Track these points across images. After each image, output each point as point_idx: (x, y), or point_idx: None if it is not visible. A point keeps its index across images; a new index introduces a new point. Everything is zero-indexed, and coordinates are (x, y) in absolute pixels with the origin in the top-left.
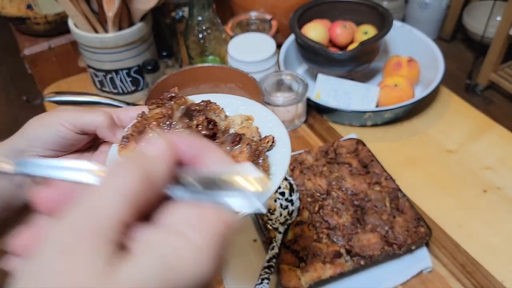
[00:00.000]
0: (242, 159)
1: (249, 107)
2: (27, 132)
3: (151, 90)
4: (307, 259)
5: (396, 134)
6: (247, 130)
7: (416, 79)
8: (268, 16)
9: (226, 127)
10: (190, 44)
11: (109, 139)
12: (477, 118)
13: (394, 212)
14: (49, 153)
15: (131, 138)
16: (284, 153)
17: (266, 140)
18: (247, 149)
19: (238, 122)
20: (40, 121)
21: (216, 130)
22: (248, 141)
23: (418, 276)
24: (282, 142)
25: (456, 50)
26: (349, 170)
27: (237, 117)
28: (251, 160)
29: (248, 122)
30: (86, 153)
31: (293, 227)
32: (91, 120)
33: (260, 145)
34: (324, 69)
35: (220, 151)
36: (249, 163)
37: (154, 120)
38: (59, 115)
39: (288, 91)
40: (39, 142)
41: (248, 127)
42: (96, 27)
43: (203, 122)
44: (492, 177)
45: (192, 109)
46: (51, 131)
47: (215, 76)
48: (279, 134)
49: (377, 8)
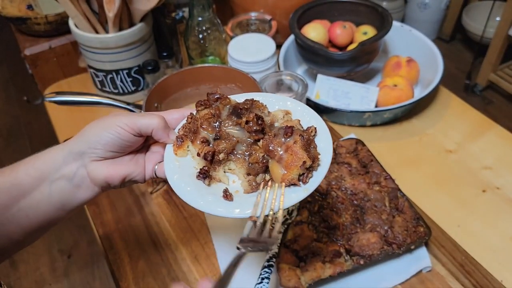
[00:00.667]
0: (297, 148)
1: (284, 102)
2: (87, 135)
3: (152, 90)
4: (306, 259)
5: (396, 134)
6: (291, 124)
7: (416, 79)
8: (268, 16)
9: (272, 122)
10: (190, 44)
11: (163, 140)
12: (476, 118)
13: (394, 211)
14: (109, 154)
15: (185, 138)
16: (326, 139)
17: (310, 130)
18: (300, 139)
19: (280, 117)
20: (100, 125)
21: (264, 125)
22: (300, 132)
23: (418, 276)
24: (322, 130)
25: (456, 50)
26: (348, 170)
27: (279, 112)
28: (304, 148)
29: (288, 116)
30: (140, 154)
31: (293, 226)
32: (148, 122)
33: (310, 134)
34: (324, 69)
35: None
36: (303, 152)
37: (204, 120)
38: (118, 119)
39: (287, 91)
40: (100, 144)
41: (290, 120)
42: (97, 28)
43: (253, 119)
44: (491, 177)
45: (240, 108)
46: (112, 134)
47: (215, 76)
48: (318, 124)
49: (376, 8)
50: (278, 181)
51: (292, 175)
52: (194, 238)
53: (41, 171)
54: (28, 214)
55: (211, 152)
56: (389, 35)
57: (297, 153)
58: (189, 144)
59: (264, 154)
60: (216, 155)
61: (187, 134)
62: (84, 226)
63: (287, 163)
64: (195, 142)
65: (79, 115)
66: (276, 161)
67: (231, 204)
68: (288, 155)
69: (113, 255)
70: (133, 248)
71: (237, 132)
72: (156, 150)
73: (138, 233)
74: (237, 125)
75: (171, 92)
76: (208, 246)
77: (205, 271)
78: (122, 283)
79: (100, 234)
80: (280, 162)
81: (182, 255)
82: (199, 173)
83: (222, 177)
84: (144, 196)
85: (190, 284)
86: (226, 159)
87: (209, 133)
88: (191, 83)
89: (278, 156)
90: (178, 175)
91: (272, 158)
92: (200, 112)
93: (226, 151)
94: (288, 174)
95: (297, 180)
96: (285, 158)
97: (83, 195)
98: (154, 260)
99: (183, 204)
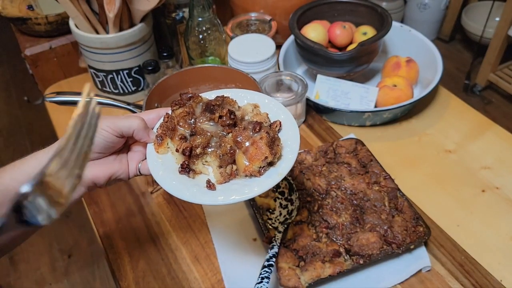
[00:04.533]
0: (262, 143)
1: (252, 96)
2: None
3: (152, 90)
4: (306, 258)
5: (395, 134)
6: (260, 117)
7: (415, 79)
8: (267, 17)
9: (242, 115)
10: (190, 44)
11: (144, 139)
12: (475, 118)
13: (393, 211)
14: (94, 155)
15: (164, 136)
16: (293, 128)
17: (275, 125)
18: (266, 136)
19: (250, 110)
20: None
21: (236, 119)
22: (267, 129)
23: (417, 275)
24: (289, 120)
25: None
26: (348, 170)
27: (248, 106)
28: (269, 145)
29: (257, 109)
30: (122, 154)
31: (293, 226)
32: (129, 124)
33: (276, 132)
34: (324, 69)
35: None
36: (266, 148)
37: (180, 118)
38: (101, 122)
39: (287, 92)
40: None
41: (259, 114)
42: (97, 28)
43: (226, 114)
44: (491, 177)
45: (212, 104)
46: (97, 136)
47: (215, 77)
48: (284, 115)
49: (376, 9)
50: (241, 171)
51: (254, 167)
52: (194, 238)
53: (28, 175)
54: None
55: (189, 147)
56: (388, 36)
57: (261, 148)
58: (169, 141)
59: (232, 145)
60: (194, 150)
61: (166, 132)
62: (84, 225)
63: (251, 155)
64: (173, 139)
65: None
66: (242, 152)
67: (214, 193)
68: (253, 149)
69: (113, 255)
70: (133, 248)
71: (211, 127)
72: (137, 149)
73: (138, 232)
74: (210, 121)
75: (171, 92)
76: (208, 246)
77: (205, 271)
78: (122, 283)
79: (100, 233)
80: (245, 154)
81: (182, 254)
82: (181, 168)
83: (202, 169)
84: (144, 196)
85: (190, 283)
86: (202, 153)
87: (185, 130)
88: (191, 83)
89: (245, 147)
90: (162, 171)
91: (239, 148)
92: (176, 111)
93: (202, 145)
94: (250, 166)
95: (257, 172)
96: (250, 151)
97: None
98: (154, 260)
99: (183, 204)
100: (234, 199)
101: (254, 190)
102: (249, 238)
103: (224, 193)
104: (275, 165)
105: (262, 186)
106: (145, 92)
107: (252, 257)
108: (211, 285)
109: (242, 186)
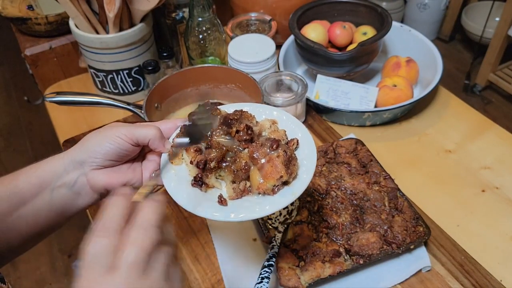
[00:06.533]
0: (278, 162)
1: (271, 111)
2: (88, 145)
3: (152, 90)
4: (306, 258)
5: (395, 134)
6: (278, 134)
7: (415, 79)
8: (267, 17)
9: (259, 131)
10: (190, 44)
11: (159, 149)
12: (475, 118)
13: (393, 211)
14: (108, 163)
15: (180, 148)
16: (310, 146)
17: (292, 143)
18: (283, 155)
19: (267, 126)
20: (101, 135)
21: (253, 134)
22: (285, 148)
23: (417, 275)
24: (306, 138)
25: (455, 50)
26: (348, 170)
27: (266, 121)
28: (285, 163)
29: (275, 126)
30: (137, 162)
31: (293, 226)
32: (145, 133)
33: (293, 152)
34: (323, 69)
35: None
36: (282, 166)
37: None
38: (118, 130)
39: (287, 92)
40: (100, 154)
41: (277, 131)
42: (97, 28)
43: (243, 129)
44: (491, 177)
45: (230, 118)
46: (112, 144)
47: (215, 77)
48: (302, 133)
49: (376, 9)
50: (255, 188)
51: (268, 185)
52: (194, 238)
53: (43, 179)
54: (28, 221)
55: (203, 160)
56: (388, 36)
57: (277, 166)
58: (184, 153)
59: (247, 160)
60: (208, 163)
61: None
62: (85, 225)
63: (266, 173)
64: (189, 150)
65: (79, 115)
66: (257, 169)
67: (226, 209)
68: (269, 166)
69: None
70: None
71: (227, 141)
72: (152, 158)
73: None
74: (227, 134)
75: (171, 92)
76: (208, 245)
77: (205, 271)
78: None
79: None
80: (261, 171)
81: (182, 254)
82: (194, 181)
83: (215, 183)
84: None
85: (190, 283)
86: (217, 167)
87: (201, 142)
88: (191, 83)
89: (260, 164)
90: (175, 182)
91: (255, 165)
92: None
93: (217, 159)
94: (264, 183)
95: (271, 190)
96: (266, 168)
97: (83, 201)
98: None
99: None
100: (245, 216)
101: (265, 209)
102: (249, 238)
103: (235, 210)
104: (289, 185)
105: (275, 205)
106: (145, 92)
107: (252, 257)
108: (211, 285)
109: (254, 204)
